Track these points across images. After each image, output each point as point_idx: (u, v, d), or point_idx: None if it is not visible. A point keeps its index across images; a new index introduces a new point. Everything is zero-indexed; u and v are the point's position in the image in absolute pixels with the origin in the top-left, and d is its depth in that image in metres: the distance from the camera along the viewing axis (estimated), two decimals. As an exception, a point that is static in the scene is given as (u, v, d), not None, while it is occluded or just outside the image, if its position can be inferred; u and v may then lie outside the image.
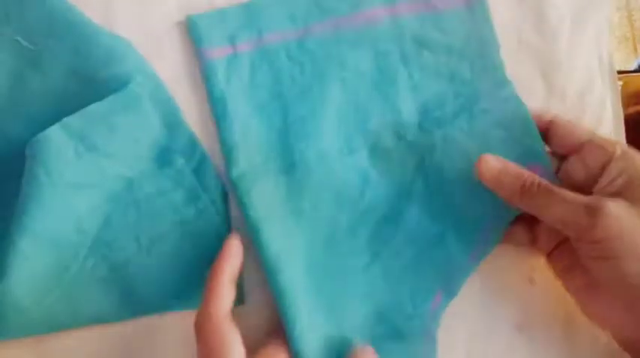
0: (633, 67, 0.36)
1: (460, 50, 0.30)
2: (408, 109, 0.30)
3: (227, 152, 0.28)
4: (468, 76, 0.30)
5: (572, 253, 0.27)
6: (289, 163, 0.28)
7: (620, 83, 0.34)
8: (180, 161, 0.27)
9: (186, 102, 0.29)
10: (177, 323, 0.28)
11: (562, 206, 0.25)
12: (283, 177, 0.28)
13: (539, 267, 0.30)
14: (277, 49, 0.28)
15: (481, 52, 0.30)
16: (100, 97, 0.26)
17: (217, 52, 0.28)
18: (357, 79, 0.29)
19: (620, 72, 0.34)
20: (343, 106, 0.29)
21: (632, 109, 0.39)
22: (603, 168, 0.26)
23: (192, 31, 0.28)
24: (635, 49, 0.38)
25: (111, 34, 0.28)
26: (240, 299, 0.27)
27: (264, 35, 0.28)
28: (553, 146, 0.29)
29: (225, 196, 0.29)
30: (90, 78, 0.26)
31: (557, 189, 0.25)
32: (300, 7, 0.29)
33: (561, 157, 0.29)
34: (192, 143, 0.28)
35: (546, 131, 0.29)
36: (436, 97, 0.30)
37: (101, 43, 0.27)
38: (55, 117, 0.25)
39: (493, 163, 0.27)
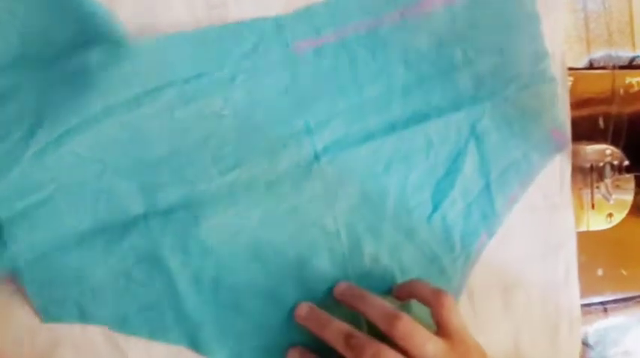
0: (583, 64, 0.42)
1: (508, 25, 0.35)
2: (465, 83, 0.35)
3: (315, 128, 0.32)
4: (516, 48, 0.35)
5: None
6: (365, 134, 0.33)
7: (571, 79, 0.40)
8: None
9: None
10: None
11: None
12: (354, 149, 0.33)
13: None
14: (353, 39, 0.33)
15: (526, 25, 0.36)
16: None
17: (305, 45, 0.32)
18: (418, 60, 0.34)
19: (570, 68, 0.40)
20: (408, 84, 0.34)
21: (632, 108, 0.44)
22: None
23: (282, 29, 0.32)
24: (588, 49, 0.42)
25: None
26: None
27: (342, 27, 0.33)
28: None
29: None
30: None
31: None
32: (371, 1, 0.33)
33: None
34: None
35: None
36: (489, 71, 0.35)
37: None
38: None
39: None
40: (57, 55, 0.29)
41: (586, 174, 0.43)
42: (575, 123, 0.40)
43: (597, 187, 0.43)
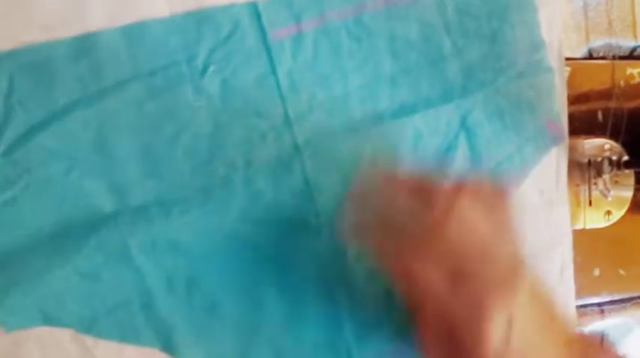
0: (582, 54, 0.44)
1: (501, 13, 0.34)
2: (454, 73, 0.34)
3: (295, 119, 0.31)
4: (509, 36, 0.34)
5: None
6: (349, 126, 0.32)
7: (568, 69, 0.39)
8: None
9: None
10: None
11: None
12: (337, 142, 0.31)
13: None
14: (337, 26, 0.31)
15: (521, 13, 0.34)
16: None
17: (284, 32, 0.31)
18: (406, 50, 0.33)
19: (568, 59, 0.39)
20: (395, 74, 0.33)
21: (632, 101, 0.42)
22: None
23: (259, 16, 0.30)
24: (587, 38, 0.41)
25: None
26: None
27: (324, 14, 0.31)
28: None
29: None
30: None
31: None
32: None
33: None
34: None
35: None
36: (480, 61, 0.34)
37: None
38: None
39: None
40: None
41: (583, 170, 0.41)
42: (573, 117, 0.38)
43: (595, 183, 0.41)
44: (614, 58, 0.43)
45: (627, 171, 0.41)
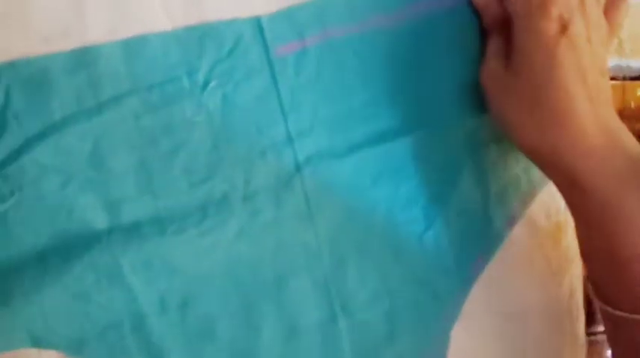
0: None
1: None
2: (461, 92, 0.32)
3: (296, 136, 0.30)
4: None
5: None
6: (351, 144, 0.31)
7: None
8: None
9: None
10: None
11: None
12: (339, 161, 0.30)
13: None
14: (341, 42, 0.30)
15: None
16: None
17: (287, 48, 0.30)
18: (404, 65, 0.32)
19: None
20: (399, 92, 0.32)
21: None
22: None
23: (262, 31, 0.29)
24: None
25: None
26: None
27: (328, 30, 0.30)
28: None
29: None
30: None
31: None
32: (348, 5, 0.30)
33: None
34: None
35: None
36: None
37: None
38: None
39: None
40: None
41: (593, 192, 0.40)
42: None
43: (605, 206, 0.40)
44: (624, 78, 0.42)
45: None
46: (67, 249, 0.28)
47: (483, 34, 0.33)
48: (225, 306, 0.30)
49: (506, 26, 0.30)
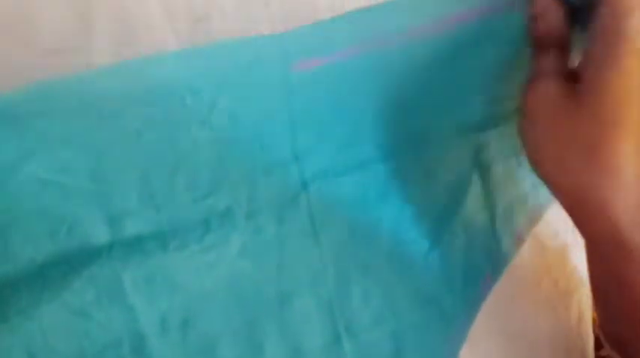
0: None
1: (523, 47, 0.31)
2: (470, 108, 0.32)
3: (303, 153, 0.30)
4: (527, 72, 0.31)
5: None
6: (357, 161, 0.31)
7: None
8: None
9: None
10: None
11: None
12: (345, 179, 0.30)
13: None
14: (356, 59, 0.30)
15: None
16: None
17: (305, 64, 0.29)
18: (414, 83, 0.31)
19: None
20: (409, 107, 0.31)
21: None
22: None
23: (280, 48, 0.28)
24: None
25: None
26: None
27: (340, 50, 0.30)
28: None
29: None
30: None
31: None
32: (368, 23, 0.30)
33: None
34: None
35: None
36: (497, 96, 0.32)
37: None
38: None
39: None
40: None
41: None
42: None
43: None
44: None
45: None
46: (67, 264, 0.27)
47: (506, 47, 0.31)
48: (227, 324, 0.29)
49: (561, 42, 0.26)
